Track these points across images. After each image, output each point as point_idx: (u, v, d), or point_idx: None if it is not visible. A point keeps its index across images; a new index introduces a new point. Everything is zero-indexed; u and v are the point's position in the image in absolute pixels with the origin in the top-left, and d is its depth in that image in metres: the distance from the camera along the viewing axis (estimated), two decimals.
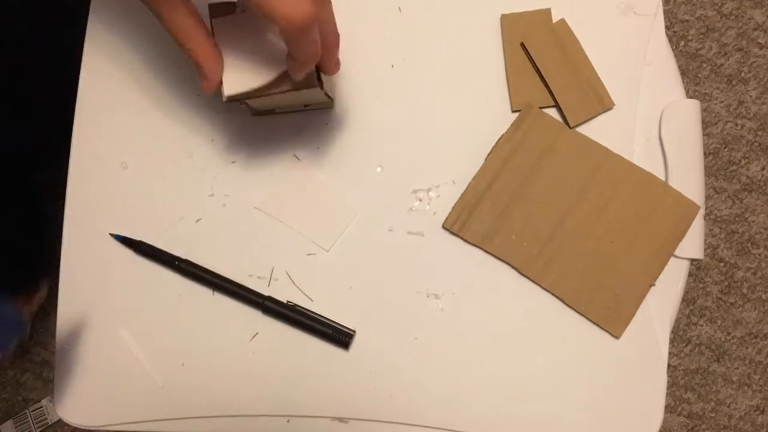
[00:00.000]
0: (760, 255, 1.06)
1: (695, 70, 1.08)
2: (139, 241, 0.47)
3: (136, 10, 0.50)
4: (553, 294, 0.46)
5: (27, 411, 0.91)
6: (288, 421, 0.46)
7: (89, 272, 0.47)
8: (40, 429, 0.90)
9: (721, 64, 1.08)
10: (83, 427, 0.46)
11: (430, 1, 0.50)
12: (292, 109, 0.48)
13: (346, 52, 0.49)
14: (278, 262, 0.47)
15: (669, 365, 0.63)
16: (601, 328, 0.46)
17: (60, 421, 0.90)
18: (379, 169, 0.48)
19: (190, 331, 0.47)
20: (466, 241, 0.47)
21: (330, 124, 0.49)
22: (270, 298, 0.46)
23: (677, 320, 1.05)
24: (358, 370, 0.46)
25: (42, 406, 0.89)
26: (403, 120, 0.49)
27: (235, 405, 0.46)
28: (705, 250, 0.77)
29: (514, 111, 0.48)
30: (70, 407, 0.46)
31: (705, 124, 1.07)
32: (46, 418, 0.89)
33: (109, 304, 0.47)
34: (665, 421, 1.01)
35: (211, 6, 0.38)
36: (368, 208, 0.48)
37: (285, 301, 0.46)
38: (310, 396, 0.46)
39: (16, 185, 0.76)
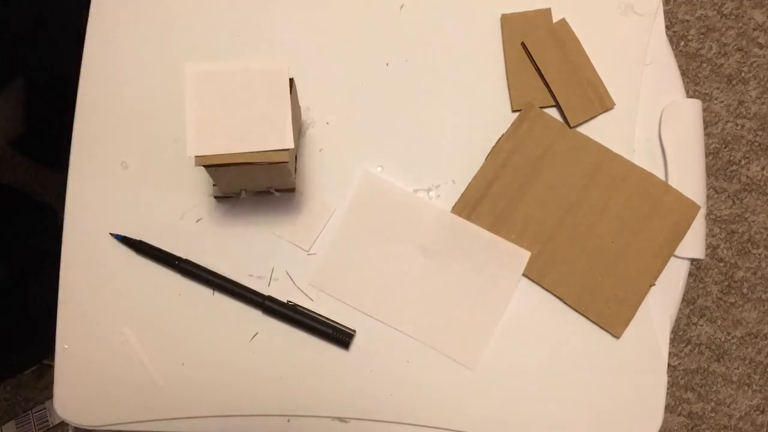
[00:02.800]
0: (760, 255, 1.06)
1: (695, 70, 1.08)
2: (139, 240, 0.47)
3: (136, 10, 0.50)
4: (553, 294, 0.46)
5: (30, 413, 0.91)
6: (288, 420, 0.46)
7: (89, 272, 0.47)
8: (41, 431, 0.90)
9: (721, 64, 1.08)
10: (83, 427, 0.46)
11: (430, 1, 0.50)
12: (257, 189, 0.46)
13: (347, 51, 0.49)
14: (278, 262, 0.47)
15: (669, 365, 0.63)
16: (601, 328, 0.46)
17: (62, 423, 0.90)
18: (379, 169, 0.48)
19: (190, 331, 0.46)
20: None
21: (331, 123, 0.49)
22: (270, 298, 0.46)
23: (677, 320, 1.05)
24: (358, 370, 0.46)
25: (45, 408, 0.89)
26: (403, 120, 0.49)
27: (235, 405, 0.46)
28: (705, 249, 0.77)
29: (514, 111, 0.48)
30: (70, 407, 0.46)
31: (705, 124, 1.06)
32: (47, 420, 0.89)
33: (109, 304, 0.47)
34: (665, 421, 1.01)
35: (189, 66, 0.38)
36: None
37: (285, 301, 0.46)
38: (310, 396, 0.46)
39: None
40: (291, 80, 0.40)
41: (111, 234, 0.47)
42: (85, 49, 0.49)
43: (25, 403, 0.93)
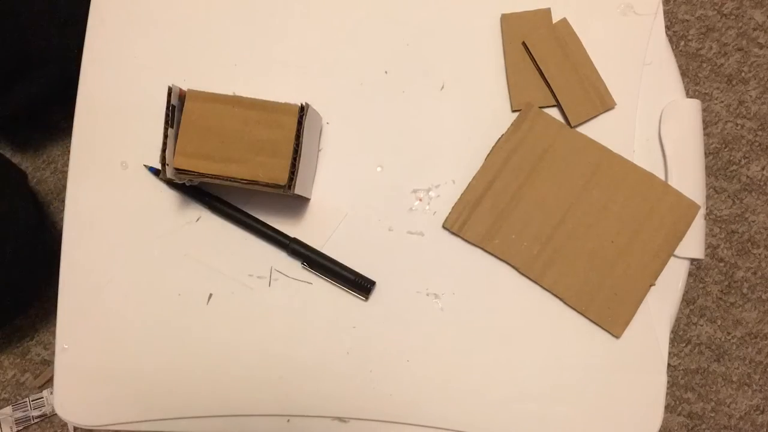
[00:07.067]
0: (760, 255, 1.06)
1: (695, 70, 1.08)
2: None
3: (136, 10, 0.50)
4: (553, 294, 0.46)
5: (27, 399, 0.92)
6: (288, 420, 0.46)
7: (89, 272, 0.47)
8: (38, 418, 0.92)
9: (721, 64, 1.08)
10: (83, 427, 0.46)
11: (430, 1, 0.50)
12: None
13: (346, 50, 0.49)
14: (278, 262, 0.47)
15: (669, 365, 0.63)
16: (601, 328, 0.46)
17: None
18: (379, 169, 0.48)
19: (189, 330, 0.46)
20: (466, 240, 0.47)
21: (331, 123, 0.49)
22: (296, 240, 0.46)
23: (677, 320, 1.05)
24: (358, 370, 0.46)
25: (42, 397, 0.90)
26: (403, 120, 0.49)
27: (235, 405, 0.46)
28: (705, 249, 0.77)
29: (514, 111, 0.48)
30: (69, 407, 0.46)
31: (705, 124, 1.06)
32: (44, 408, 0.90)
33: (109, 303, 0.47)
34: (665, 421, 1.01)
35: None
36: (368, 207, 0.48)
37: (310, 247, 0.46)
38: (310, 396, 0.46)
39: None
40: (305, 105, 0.41)
41: (145, 166, 0.47)
42: (85, 49, 0.49)
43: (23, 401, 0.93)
